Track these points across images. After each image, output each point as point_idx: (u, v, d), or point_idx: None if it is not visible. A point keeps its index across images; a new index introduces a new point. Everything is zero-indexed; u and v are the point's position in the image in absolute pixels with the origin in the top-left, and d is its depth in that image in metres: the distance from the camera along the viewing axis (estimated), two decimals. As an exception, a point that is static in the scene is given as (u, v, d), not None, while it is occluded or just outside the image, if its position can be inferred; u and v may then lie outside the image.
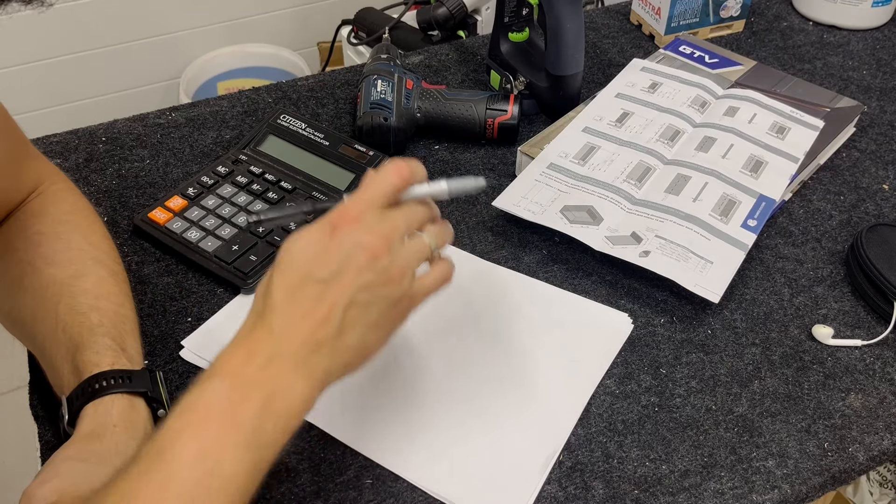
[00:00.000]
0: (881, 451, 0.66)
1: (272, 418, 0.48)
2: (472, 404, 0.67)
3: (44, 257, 0.64)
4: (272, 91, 1.00)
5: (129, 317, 0.64)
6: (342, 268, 0.50)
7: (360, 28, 1.74)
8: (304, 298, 0.50)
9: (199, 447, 0.45)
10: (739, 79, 0.98)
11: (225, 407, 0.47)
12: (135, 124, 0.94)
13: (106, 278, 0.65)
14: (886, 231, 0.80)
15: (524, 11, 0.98)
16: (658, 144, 0.87)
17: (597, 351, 0.72)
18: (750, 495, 0.62)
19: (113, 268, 0.66)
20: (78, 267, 0.64)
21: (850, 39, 1.13)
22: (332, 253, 0.50)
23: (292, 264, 0.51)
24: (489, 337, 0.72)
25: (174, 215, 0.80)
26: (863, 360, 0.73)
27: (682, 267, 0.74)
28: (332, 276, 0.50)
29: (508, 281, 0.77)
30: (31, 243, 0.65)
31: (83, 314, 0.61)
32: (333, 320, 0.50)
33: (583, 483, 0.63)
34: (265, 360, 0.48)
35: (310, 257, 0.50)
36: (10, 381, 1.64)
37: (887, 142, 0.96)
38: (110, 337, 0.60)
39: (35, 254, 0.65)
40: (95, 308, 0.62)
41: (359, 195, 0.53)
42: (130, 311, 0.64)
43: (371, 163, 0.86)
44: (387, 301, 0.52)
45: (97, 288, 0.63)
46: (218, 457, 0.46)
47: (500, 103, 0.91)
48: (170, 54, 1.99)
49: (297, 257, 0.51)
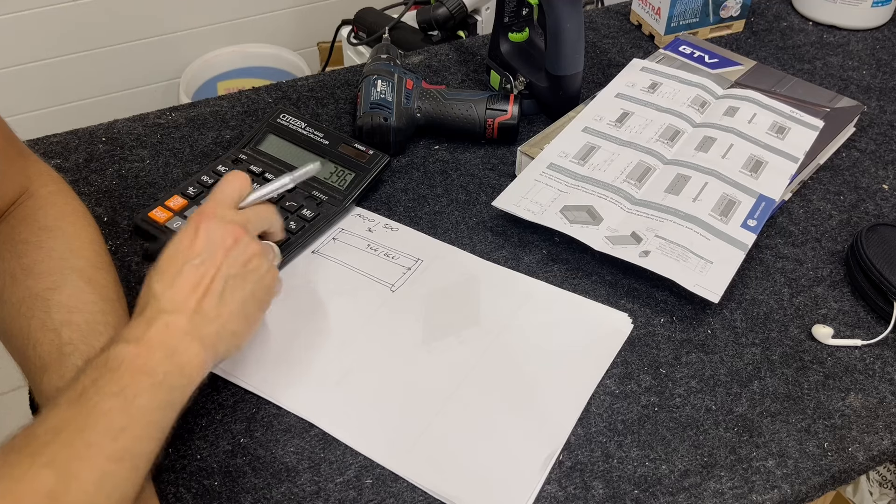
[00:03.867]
0: (881, 451, 0.66)
1: (177, 367, 0.55)
2: (472, 404, 0.67)
3: (24, 268, 0.63)
4: (272, 91, 1.00)
5: (110, 323, 0.62)
6: (212, 249, 0.60)
7: (360, 28, 1.74)
8: (185, 278, 0.58)
9: (118, 386, 0.51)
10: (739, 79, 0.98)
11: (135, 359, 0.53)
12: (135, 124, 0.94)
13: (82, 287, 0.63)
14: (886, 231, 0.80)
15: (524, 11, 0.98)
16: (658, 144, 0.87)
17: (597, 350, 0.72)
18: (750, 495, 0.62)
19: (91, 274, 0.64)
20: (55, 278, 0.63)
21: (850, 39, 1.13)
22: (201, 241, 0.60)
23: (170, 259, 0.59)
24: (489, 337, 0.72)
25: (174, 214, 0.80)
26: (863, 360, 0.73)
27: (681, 267, 0.74)
28: (205, 258, 0.59)
29: (508, 281, 0.77)
30: (15, 253, 0.64)
31: (53, 331, 0.60)
32: (215, 290, 0.59)
33: (583, 483, 0.63)
34: (163, 326, 0.55)
35: (183, 249, 0.59)
36: (10, 381, 1.64)
37: (887, 142, 0.96)
38: (78, 354, 0.59)
39: (17, 264, 0.64)
40: (67, 323, 0.60)
41: (210, 198, 0.63)
42: (112, 317, 0.63)
43: (370, 162, 0.86)
44: (255, 275, 0.62)
45: (71, 300, 0.62)
46: (134, 392, 0.51)
47: (500, 103, 0.91)
48: (170, 54, 1.99)
49: (172, 252, 0.59)
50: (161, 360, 0.54)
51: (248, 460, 0.63)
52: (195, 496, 0.61)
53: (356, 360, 0.69)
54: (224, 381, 0.68)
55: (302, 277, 0.77)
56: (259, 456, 0.63)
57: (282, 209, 0.81)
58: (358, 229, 0.82)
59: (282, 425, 0.65)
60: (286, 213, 0.81)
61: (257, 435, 0.65)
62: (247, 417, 0.66)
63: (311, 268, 0.78)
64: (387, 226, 0.82)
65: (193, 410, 0.66)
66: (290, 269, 0.77)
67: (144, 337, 0.55)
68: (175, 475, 0.61)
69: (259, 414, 0.66)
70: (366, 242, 0.80)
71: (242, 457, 0.63)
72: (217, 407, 0.67)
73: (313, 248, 0.80)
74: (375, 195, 0.86)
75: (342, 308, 0.74)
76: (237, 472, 0.62)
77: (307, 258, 0.79)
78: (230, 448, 0.64)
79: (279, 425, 0.65)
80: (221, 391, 0.68)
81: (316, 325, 0.73)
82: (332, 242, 0.80)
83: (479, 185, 0.88)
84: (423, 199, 0.86)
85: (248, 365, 0.69)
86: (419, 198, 0.86)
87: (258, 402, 0.67)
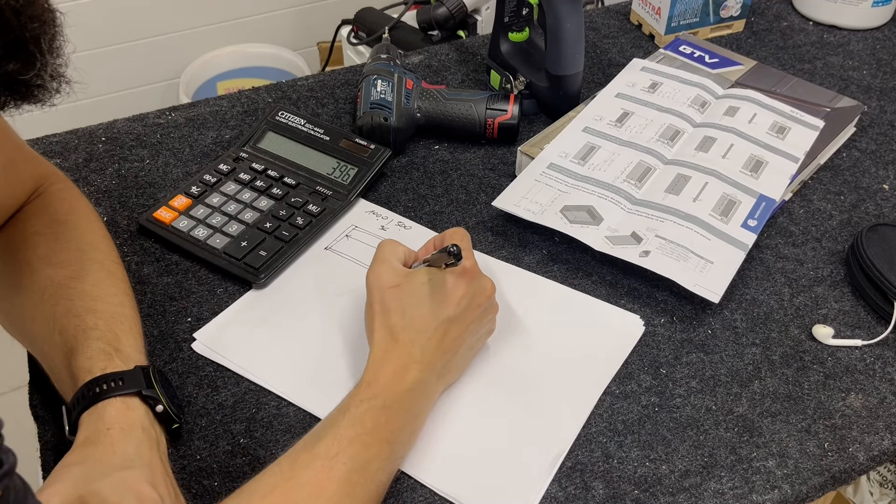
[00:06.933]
0: (881, 451, 0.66)
1: (413, 435, 0.62)
2: (480, 403, 0.67)
3: (42, 258, 0.64)
4: (272, 91, 1.00)
5: (128, 315, 0.64)
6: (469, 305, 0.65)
7: (360, 28, 1.74)
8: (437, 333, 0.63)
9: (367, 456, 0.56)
10: (739, 79, 0.98)
11: (382, 424, 0.58)
12: (135, 124, 0.94)
13: (103, 279, 0.65)
14: (886, 231, 0.80)
15: (524, 11, 0.98)
16: (658, 144, 0.87)
17: (607, 353, 0.72)
18: (750, 495, 0.62)
19: (111, 268, 0.66)
20: (76, 268, 0.64)
21: (850, 39, 1.13)
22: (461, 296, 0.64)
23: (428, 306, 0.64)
24: (498, 336, 0.71)
25: (179, 214, 0.80)
26: (863, 360, 0.73)
27: (682, 267, 0.74)
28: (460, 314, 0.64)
29: (520, 280, 0.77)
30: (30, 244, 0.65)
31: (79, 316, 0.61)
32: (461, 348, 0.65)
33: (583, 483, 0.63)
34: (412, 383, 0.61)
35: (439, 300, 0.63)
36: (10, 381, 1.64)
37: (887, 142, 0.96)
38: (104, 340, 0.60)
39: (33, 254, 0.65)
40: (91, 310, 0.62)
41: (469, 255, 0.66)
42: (130, 310, 0.64)
43: (373, 157, 0.86)
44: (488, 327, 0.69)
45: (94, 289, 0.63)
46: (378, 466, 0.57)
47: (500, 103, 0.91)
48: (170, 54, 1.99)
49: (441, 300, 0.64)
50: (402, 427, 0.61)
51: (248, 460, 0.63)
52: (195, 496, 0.61)
53: (366, 359, 0.69)
54: (224, 381, 0.68)
55: (315, 274, 0.77)
56: (259, 456, 0.63)
57: (287, 205, 0.81)
58: (371, 227, 0.82)
59: (282, 425, 0.65)
60: (292, 210, 0.81)
61: (257, 435, 0.65)
62: (247, 418, 0.66)
63: (325, 264, 0.78)
64: (400, 223, 0.83)
65: (193, 410, 0.66)
66: (302, 266, 0.78)
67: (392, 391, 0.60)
68: (175, 475, 0.61)
69: (259, 414, 0.66)
70: (379, 240, 0.80)
71: (242, 457, 0.63)
72: (217, 407, 0.66)
73: (326, 245, 0.80)
74: (376, 194, 0.86)
75: (353, 305, 0.74)
76: (237, 472, 0.62)
77: (321, 255, 0.79)
78: (230, 448, 0.64)
79: (279, 425, 0.65)
80: (221, 391, 0.67)
81: (327, 322, 0.73)
82: (346, 239, 0.80)
83: (479, 185, 0.88)
84: (423, 199, 0.86)
85: (258, 361, 0.69)
86: (419, 198, 0.86)
87: (258, 403, 0.67)
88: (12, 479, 0.39)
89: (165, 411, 0.60)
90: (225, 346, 0.70)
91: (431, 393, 0.64)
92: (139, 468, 0.54)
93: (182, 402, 0.65)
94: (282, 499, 0.53)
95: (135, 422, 0.57)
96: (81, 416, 0.57)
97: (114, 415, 0.57)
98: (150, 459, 0.56)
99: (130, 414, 0.58)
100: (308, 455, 0.55)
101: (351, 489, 0.55)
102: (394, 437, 0.59)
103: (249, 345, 0.71)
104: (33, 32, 0.43)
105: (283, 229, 0.79)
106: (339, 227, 0.82)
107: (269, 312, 0.73)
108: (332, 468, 0.54)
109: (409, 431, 0.61)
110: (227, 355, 0.70)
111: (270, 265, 0.76)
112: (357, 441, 0.56)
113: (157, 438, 0.58)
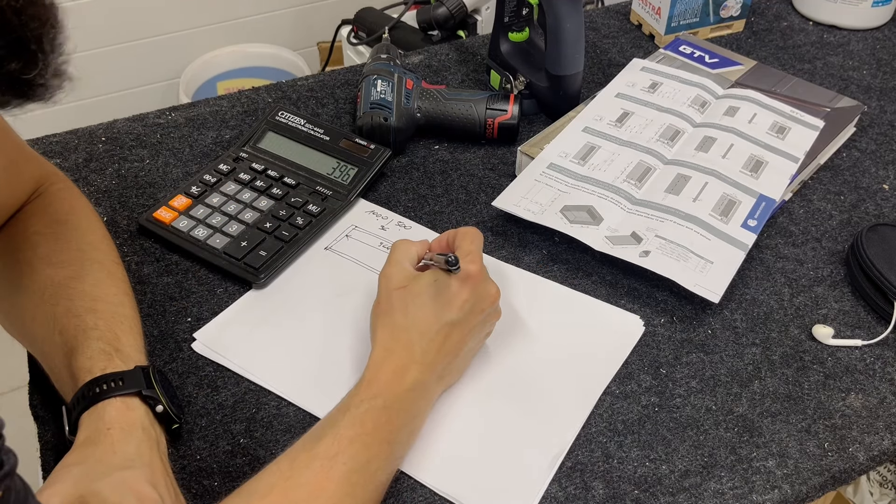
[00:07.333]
0: (881, 451, 0.66)
1: (412, 435, 0.62)
2: (480, 403, 0.67)
3: (42, 258, 0.64)
4: (272, 91, 1.00)
5: (129, 315, 0.64)
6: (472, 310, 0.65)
7: (360, 28, 1.74)
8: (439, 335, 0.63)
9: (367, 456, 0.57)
10: (739, 79, 0.98)
11: (382, 424, 0.58)
12: (134, 124, 0.94)
13: (104, 279, 0.65)
14: (886, 231, 0.80)
15: (524, 11, 0.98)
16: (658, 144, 0.87)
17: (606, 353, 0.72)
18: (750, 495, 0.62)
19: (111, 268, 0.66)
20: (76, 268, 0.64)
21: (850, 39, 1.13)
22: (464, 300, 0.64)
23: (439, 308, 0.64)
24: (498, 336, 0.71)
25: (180, 214, 0.80)
26: (863, 360, 0.73)
27: (682, 267, 0.74)
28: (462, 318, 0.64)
29: (520, 280, 0.77)
30: (30, 243, 0.65)
31: (79, 317, 0.61)
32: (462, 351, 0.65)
33: (583, 483, 0.63)
34: (412, 384, 0.61)
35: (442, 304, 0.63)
36: (10, 381, 1.64)
37: (887, 142, 0.96)
38: (104, 340, 0.60)
39: (33, 254, 0.65)
40: (91, 310, 0.62)
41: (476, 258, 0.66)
42: (130, 310, 0.65)
43: (373, 157, 0.86)
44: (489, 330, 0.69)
45: (94, 289, 0.63)
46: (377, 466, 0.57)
47: (500, 103, 0.91)
48: (170, 54, 1.99)
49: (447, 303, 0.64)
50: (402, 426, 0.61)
51: (248, 460, 0.63)
52: (195, 496, 0.61)
53: (366, 358, 0.69)
54: (224, 381, 0.68)
55: (315, 274, 0.77)
56: (259, 456, 0.63)
57: (287, 205, 0.81)
58: (371, 227, 0.82)
59: (282, 425, 0.65)
60: (291, 210, 0.81)
61: (257, 435, 0.65)
62: (247, 418, 0.66)
63: (325, 264, 0.78)
64: (400, 223, 0.83)
65: (193, 410, 0.66)
66: (302, 266, 0.78)
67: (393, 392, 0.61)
68: (175, 475, 0.61)
69: (259, 414, 0.66)
70: (379, 240, 0.80)
71: (242, 457, 0.63)
72: (217, 407, 0.66)
73: (326, 245, 0.80)
74: (376, 194, 0.86)
75: (353, 305, 0.74)
76: (237, 472, 0.62)
77: (321, 255, 0.79)
78: (230, 448, 0.64)
79: (279, 425, 0.65)
80: (221, 391, 0.67)
81: (327, 322, 0.73)
82: (346, 239, 0.80)
83: (479, 185, 0.88)
84: (423, 199, 0.86)
85: (258, 361, 0.69)
86: (419, 198, 0.86)
87: (258, 403, 0.67)
88: (13, 479, 0.40)
89: (165, 411, 0.60)
90: (225, 346, 0.70)
91: (431, 394, 0.64)
92: (139, 468, 0.54)
93: (182, 402, 0.65)
94: (281, 499, 0.53)
95: (135, 422, 0.57)
96: (81, 417, 0.57)
97: (114, 415, 0.57)
98: (151, 459, 0.56)
99: (130, 414, 0.58)
100: (308, 455, 0.55)
101: (351, 489, 0.55)
102: (393, 437, 0.59)
103: (249, 345, 0.71)
104: (35, 32, 0.43)
105: (283, 229, 0.79)
106: (339, 227, 0.82)
107: (269, 312, 0.74)
108: (332, 468, 0.54)
109: (409, 431, 0.61)
110: (227, 355, 0.70)
111: (270, 265, 0.76)
112: (357, 441, 0.56)
113: (157, 438, 0.58)
